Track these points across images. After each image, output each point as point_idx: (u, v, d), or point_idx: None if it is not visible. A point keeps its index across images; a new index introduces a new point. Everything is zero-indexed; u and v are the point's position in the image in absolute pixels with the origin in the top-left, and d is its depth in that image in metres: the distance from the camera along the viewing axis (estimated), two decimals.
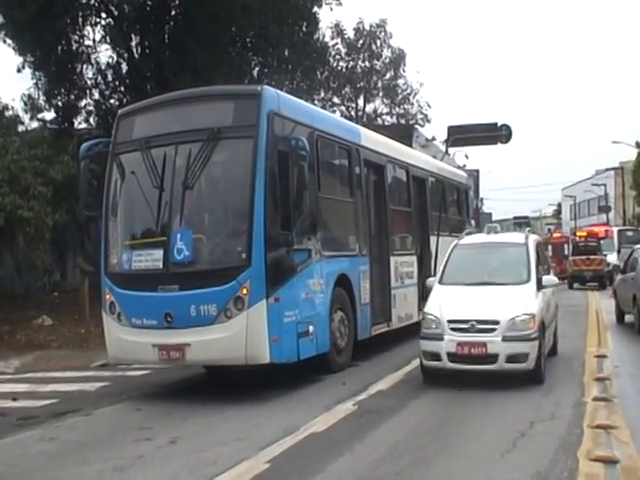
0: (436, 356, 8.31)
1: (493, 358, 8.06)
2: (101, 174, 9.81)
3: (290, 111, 8.86)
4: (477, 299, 8.73)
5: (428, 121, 32.55)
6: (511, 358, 8.07)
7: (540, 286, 9.01)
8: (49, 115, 19.97)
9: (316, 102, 24.69)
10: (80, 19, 19.29)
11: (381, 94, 32.57)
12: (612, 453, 5.70)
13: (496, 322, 8.14)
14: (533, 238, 10.18)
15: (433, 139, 33.41)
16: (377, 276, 11.16)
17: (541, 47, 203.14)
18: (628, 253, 16.39)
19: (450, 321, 8.30)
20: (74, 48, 19.61)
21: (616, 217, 51.41)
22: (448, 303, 8.67)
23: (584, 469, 5.35)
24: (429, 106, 32.45)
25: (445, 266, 9.68)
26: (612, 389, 8.19)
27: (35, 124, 20.11)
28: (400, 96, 32.41)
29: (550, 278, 9.67)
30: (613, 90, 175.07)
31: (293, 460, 5.81)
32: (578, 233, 34.82)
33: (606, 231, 34.36)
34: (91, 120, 20.32)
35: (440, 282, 9.35)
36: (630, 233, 33.40)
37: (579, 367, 9.65)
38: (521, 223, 50.69)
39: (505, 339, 8.07)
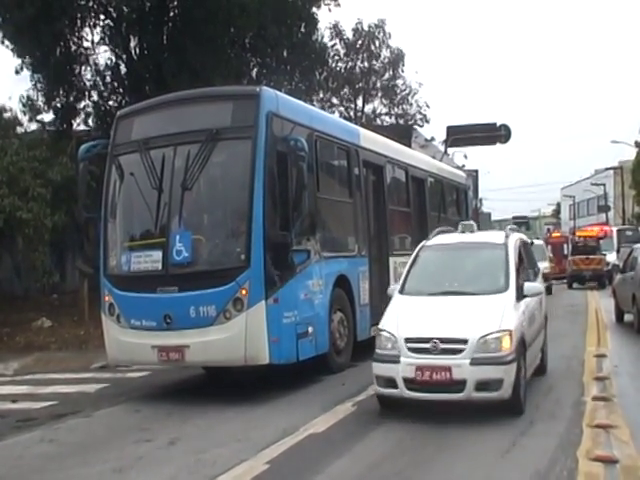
0: (391, 382, 6.87)
1: (460, 385, 6.59)
2: (100, 176, 9.81)
3: (289, 112, 8.86)
4: (442, 313, 7.25)
5: (427, 121, 32.62)
6: (481, 385, 6.59)
7: (521, 295, 7.54)
8: (48, 117, 20.02)
9: (315, 103, 24.68)
10: (79, 20, 19.27)
11: (380, 94, 32.59)
12: (612, 452, 5.70)
13: (463, 341, 6.68)
14: (515, 238, 8.62)
15: (432, 139, 33.45)
16: (376, 277, 11.15)
17: (540, 47, 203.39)
18: (627, 252, 16.40)
19: (408, 340, 6.84)
20: (73, 50, 19.60)
21: (615, 217, 51.41)
22: (407, 318, 7.25)
23: (584, 468, 5.36)
24: (428, 106, 32.51)
25: (408, 272, 8.14)
26: (611, 388, 8.19)
27: (34, 126, 20.17)
28: (399, 96, 32.43)
29: (533, 286, 8.05)
30: (612, 90, 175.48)
31: (292, 461, 5.82)
32: (578, 233, 34.80)
33: (605, 231, 34.40)
34: (90, 121, 20.33)
35: (401, 291, 7.87)
36: (629, 232, 33.41)
37: (578, 366, 9.65)
38: (520, 223, 50.56)
39: (474, 362, 6.58)
